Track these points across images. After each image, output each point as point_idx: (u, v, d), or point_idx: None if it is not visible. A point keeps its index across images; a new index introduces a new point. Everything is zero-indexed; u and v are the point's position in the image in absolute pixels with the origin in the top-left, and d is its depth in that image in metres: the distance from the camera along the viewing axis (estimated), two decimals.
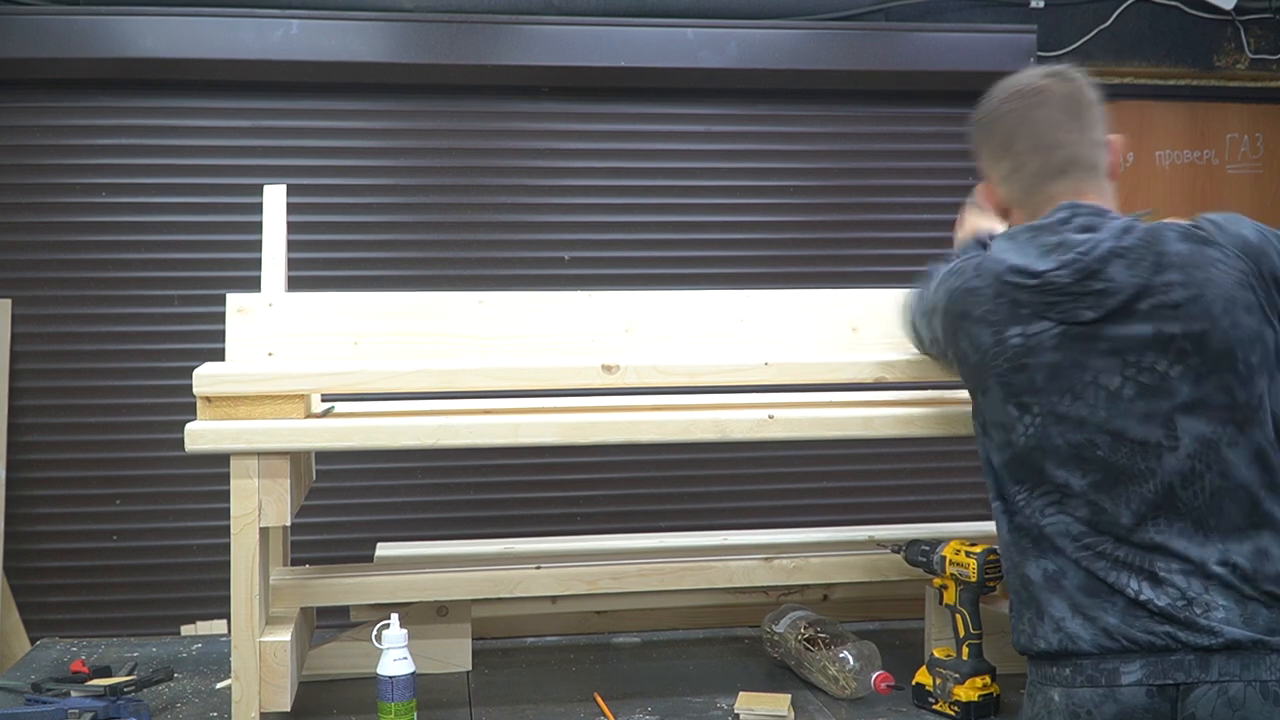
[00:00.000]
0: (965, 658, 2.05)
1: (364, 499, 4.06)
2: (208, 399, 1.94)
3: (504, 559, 2.33)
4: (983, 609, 2.07)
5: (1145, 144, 4.50)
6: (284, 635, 1.99)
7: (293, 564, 2.38)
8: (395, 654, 1.99)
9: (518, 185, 4.15)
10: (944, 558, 2.08)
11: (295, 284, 2.35)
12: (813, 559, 2.31)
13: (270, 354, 2.19)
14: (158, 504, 3.99)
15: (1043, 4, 4.32)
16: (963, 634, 2.05)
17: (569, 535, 2.71)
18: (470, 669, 2.33)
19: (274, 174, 3.78)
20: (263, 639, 1.97)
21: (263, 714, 1.97)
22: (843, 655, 2.17)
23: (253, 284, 2.27)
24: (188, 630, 3.79)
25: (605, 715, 2.10)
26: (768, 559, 2.29)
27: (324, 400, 2.29)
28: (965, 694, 2.03)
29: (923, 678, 2.11)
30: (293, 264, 2.38)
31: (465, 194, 4.13)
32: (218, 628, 3.74)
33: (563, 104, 4.15)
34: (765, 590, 2.53)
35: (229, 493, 1.95)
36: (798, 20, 4.16)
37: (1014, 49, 4.20)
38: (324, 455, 2.54)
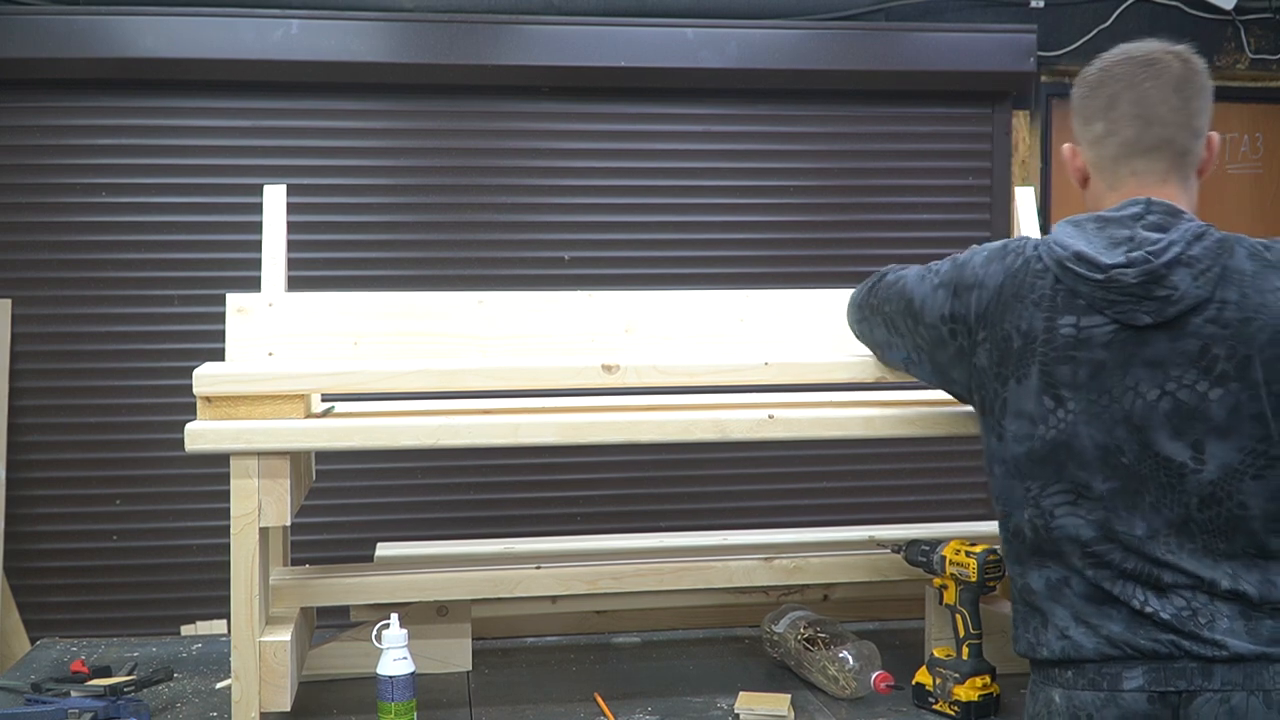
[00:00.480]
0: (965, 658, 2.05)
1: (364, 499, 4.06)
2: (208, 399, 1.94)
3: (504, 559, 2.33)
4: (983, 609, 2.07)
5: None
6: (284, 635, 1.99)
7: (293, 564, 2.38)
8: (395, 654, 1.99)
9: (518, 185, 4.15)
10: (944, 558, 2.08)
11: (295, 284, 2.35)
12: (813, 559, 2.31)
13: (270, 354, 2.19)
14: (158, 504, 3.99)
15: (1043, 4, 4.33)
16: (963, 634, 2.05)
17: (569, 535, 2.71)
18: (470, 669, 2.33)
19: (274, 174, 3.79)
20: (263, 639, 1.97)
21: (263, 714, 1.97)
22: (843, 655, 2.17)
23: (253, 284, 2.27)
24: (188, 630, 3.79)
25: (605, 715, 2.10)
26: (768, 559, 2.29)
27: (324, 400, 2.29)
28: (965, 694, 2.03)
29: (923, 678, 2.11)
30: (293, 264, 2.38)
31: (465, 194, 4.13)
32: (218, 628, 3.74)
33: (563, 104, 4.15)
34: (765, 590, 2.53)
35: (229, 493, 1.95)
36: (798, 20, 4.16)
37: (1014, 49, 4.21)
38: (324, 455, 2.54)
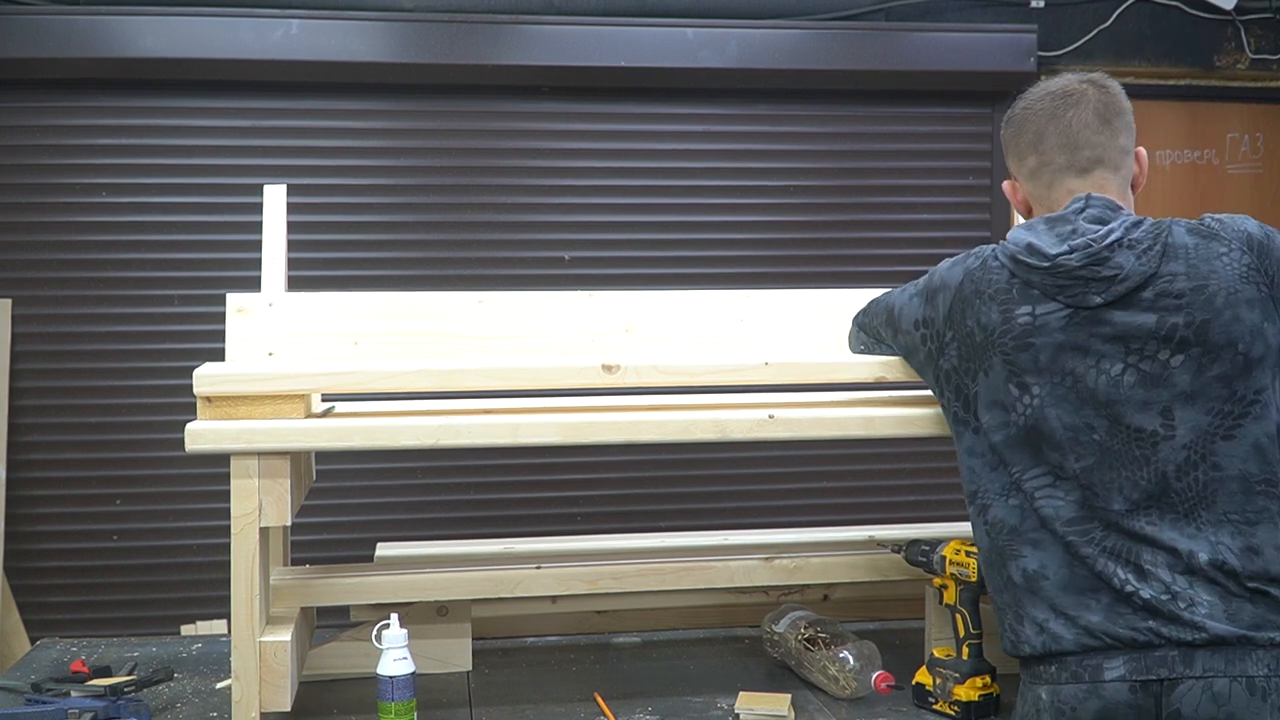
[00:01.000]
0: (965, 657, 2.05)
1: (364, 499, 4.06)
2: (208, 399, 1.94)
3: (504, 559, 2.33)
4: (983, 609, 2.07)
5: (1145, 144, 4.38)
6: (284, 635, 1.99)
7: (293, 564, 2.38)
8: (395, 654, 1.99)
9: (518, 185, 4.15)
10: (944, 558, 2.08)
11: (295, 284, 2.35)
12: (813, 559, 2.31)
13: (270, 354, 2.19)
14: (158, 504, 3.99)
15: (1043, 4, 4.32)
16: (963, 634, 2.05)
17: (569, 535, 2.71)
18: (470, 669, 2.33)
19: (274, 174, 3.79)
20: (263, 639, 1.97)
21: (263, 714, 1.96)
22: (843, 655, 2.17)
23: (253, 284, 2.27)
24: (188, 630, 3.79)
25: (605, 715, 2.10)
26: (768, 559, 2.29)
27: (324, 400, 2.29)
28: (965, 694, 2.03)
29: (923, 678, 2.11)
30: (293, 264, 2.38)
31: (465, 194, 4.13)
32: (218, 628, 3.74)
33: (563, 104, 4.15)
34: (765, 590, 2.53)
35: (229, 493, 1.95)
36: (798, 20, 4.16)
37: (1014, 49, 4.21)
38: (324, 455, 2.54)
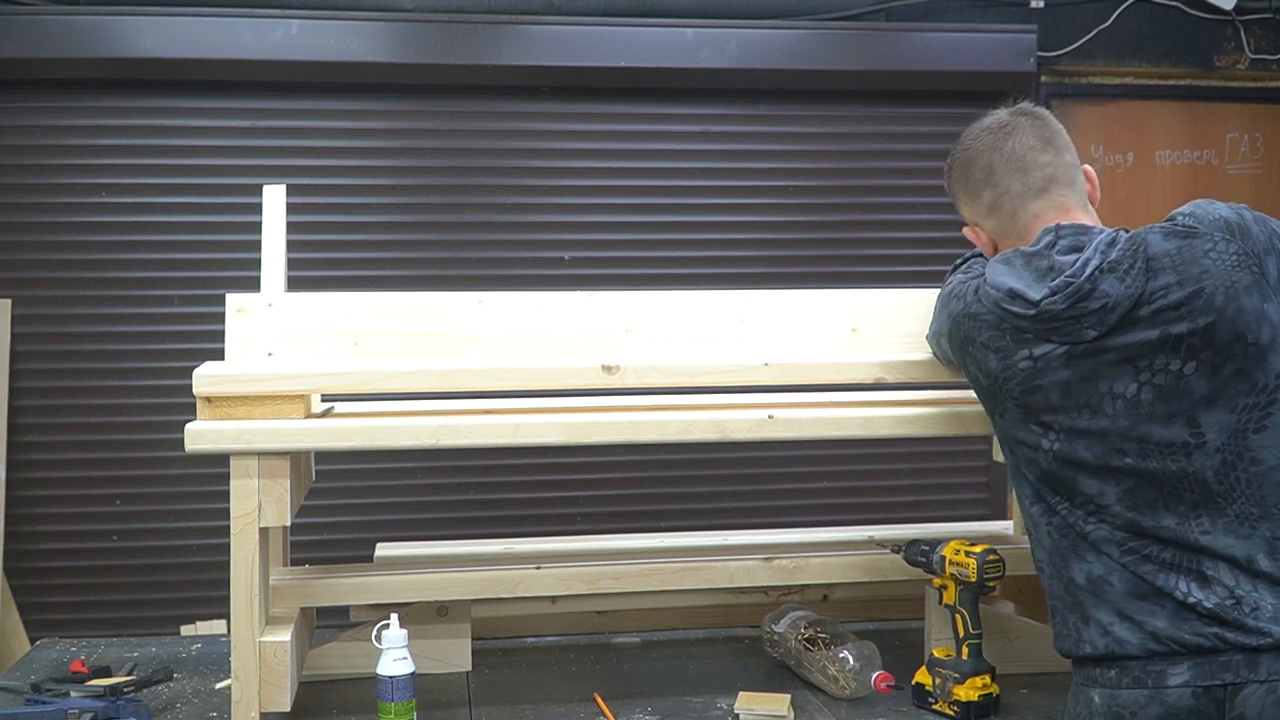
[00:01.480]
0: (965, 657, 2.05)
1: (364, 499, 4.06)
2: (208, 399, 1.94)
3: (504, 559, 2.33)
4: (982, 609, 2.07)
5: (1145, 144, 4.49)
6: (284, 635, 1.99)
7: (293, 564, 2.38)
8: (395, 654, 1.99)
9: (518, 185, 4.15)
10: (944, 558, 2.08)
11: (295, 284, 2.35)
12: (813, 559, 2.31)
13: (270, 354, 2.19)
14: (158, 504, 3.99)
15: (1043, 4, 4.32)
16: (962, 634, 2.05)
17: (569, 535, 2.71)
18: (470, 669, 2.33)
19: (274, 174, 3.79)
20: (263, 639, 1.97)
21: (263, 714, 1.97)
22: (843, 655, 2.17)
23: (253, 284, 2.27)
24: (188, 630, 3.79)
25: (605, 715, 2.10)
26: (768, 559, 2.29)
27: (324, 400, 2.29)
28: (965, 694, 2.03)
29: (923, 677, 2.11)
30: (293, 264, 2.38)
31: (465, 194, 4.13)
32: (218, 628, 3.74)
33: (563, 104, 4.15)
34: (765, 590, 2.53)
35: (229, 493, 1.95)
36: (798, 20, 4.16)
37: (1014, 49, 4.21)
38: (324, 455, 2.54)
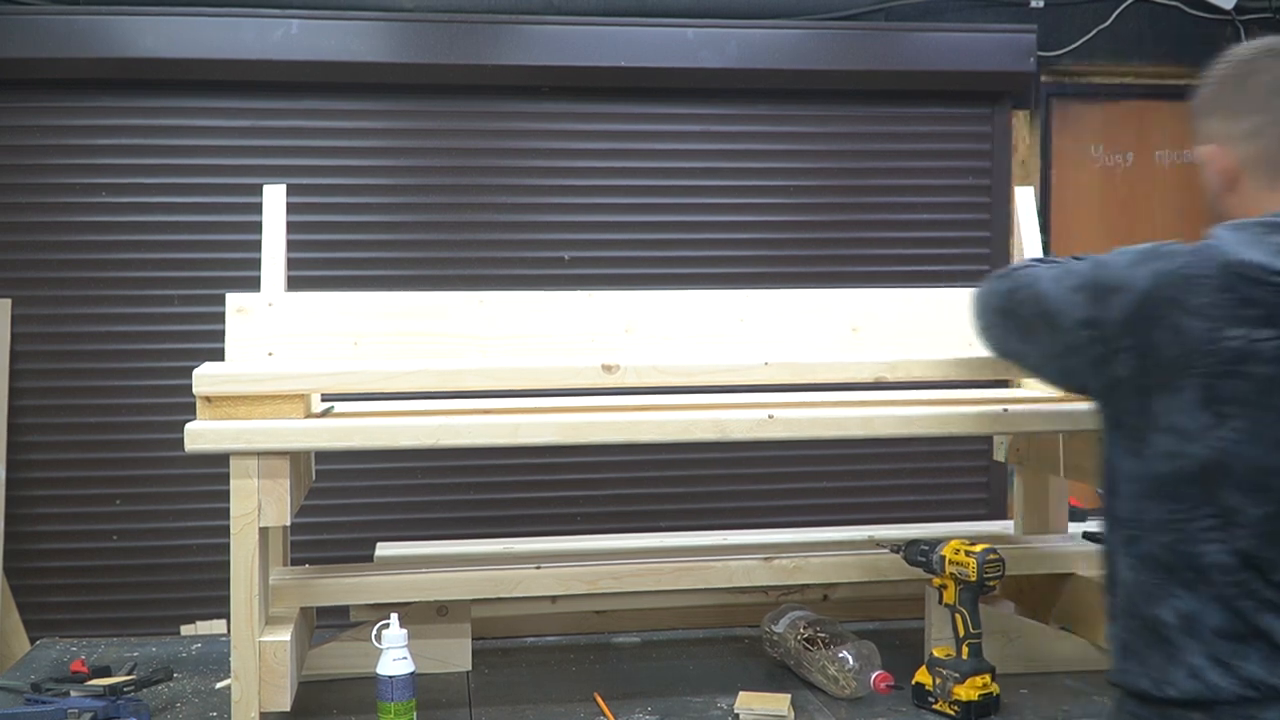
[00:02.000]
0: (965, 657, 2.05)
1: (364, 499, 4.06)
2: (208, 399, 1.94)
3: (504, 559, 2.33)
4: (982, 609, 2.07)
5: (1145, 144, 4.49)
6: (284, 635, 1.99)
7: (293, 564, 2.38)
8: (395, 654, 1.99)
9: (518, 185, 4.15)
10: (944, 557, 2.08)
11: (295, 284, 2.35)
12: (813, 559, 2.31)
13: (270, 354, 2.19)
14: (158, 504, 3.99)
15: (1043, 4, 4.33)
16: (962, 633, 2.05)
17: (569, 535, 2.71)
18: (470, 669, 2.33)
19: (274, 174, 3.79)
20: (263, 639, 1.97)
21: (263, 714, 1.97)
22: (842, 655, 2.17)
23: (253, 284, 2.27)
24: (188, 630, 3.79)
25: (605, 715, 2.10)
26: (768, 559, 2.29)
27: (324, 400, 2.29)
28: (965, 693, 2.03)
29: (922, 677, 2.11)
30: (293, 264, 2.38)
31: (465, 194, 4.13)
32: (218, 628, 3.74)
33: (563, 104, 4.15)
34: (765, 590, 2.53)
35: (229, 493, 1.95)
36: (798, 20, 4.16)
37: (1014, 49, 4.21)
38: (324, 455, 2.54)
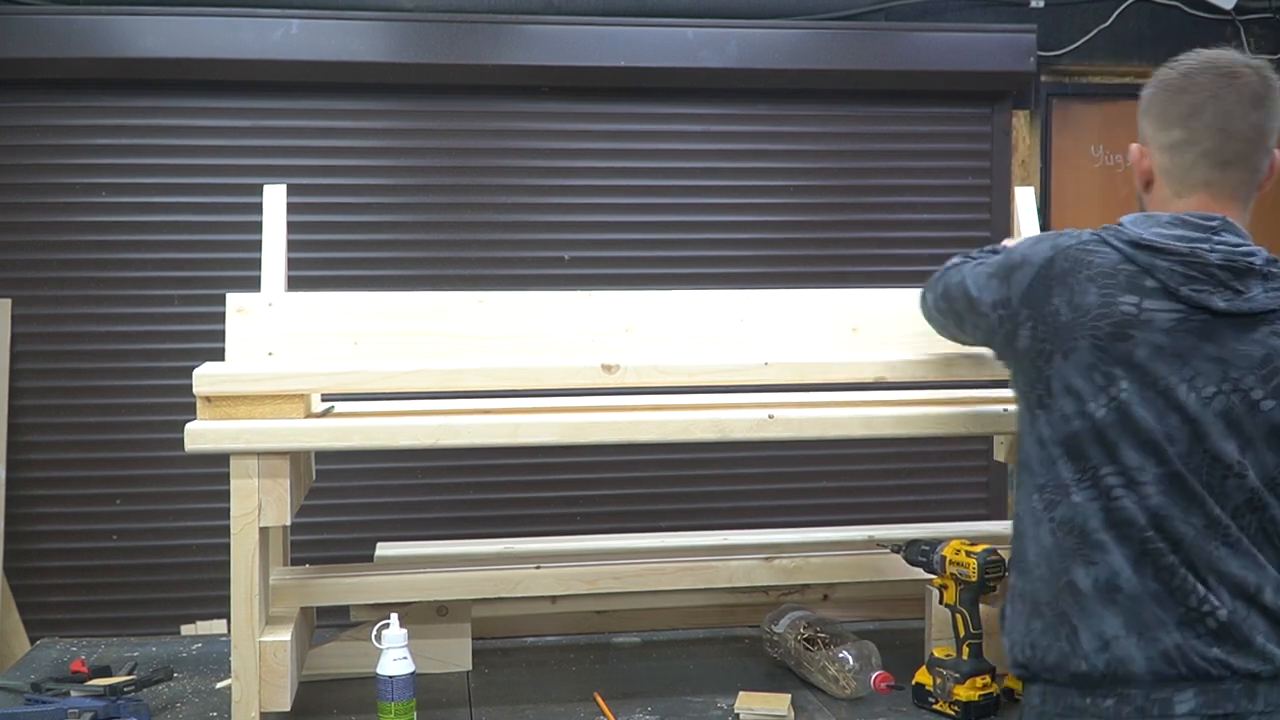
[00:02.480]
0: (965, 657, 2.05)
1: (364, 499, 4.06)
2: (208, 399, 1.94)
3: (504, 559, 2.33)
4: (983, 609, 2.07)
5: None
6: (284, 635, 1.99)
7: (293, 564, 2.38)
8: (395, 654, 1.99)
9: (518, 185, 4.15)
10: (944, 557, 2.08)
11: (295, 284, 2.35)
12: (813, 559, 2.31)
13: (270, 354, 2.19)
14: (158, 504, 3.99)
15: (1043, 4, 4.33)
16: (963, 634, 2.05)
17: (569, 535, 2.71)
18: (470, 669, 2.33)
19: (274, 174, 3.79)
20: (263, 639, 1.97)
21: (263, 714, 1.97)
22: (842, 655, 2.17)
23: (253, 284, 2.27)
24: (188, 630, 3.79)
25: (605, 715, 2.10)
26: (768, 559, 2.29)
27: (324, 400, 2.29)
28: (965, 694, 2.03)
29: (923, 677, 2.11)
30: (293, 264, 2.38)
31: (465, 194, 4.13)
32: (218, 628, 3.74)
33: (563, 104, 4.15)
34: (765, 590, 2.53)
35: (229, 493, 1.95)
36: (798, 20, 4.16)
37: (1014, 49, 4.21)
38: (324, 455, 2.54)
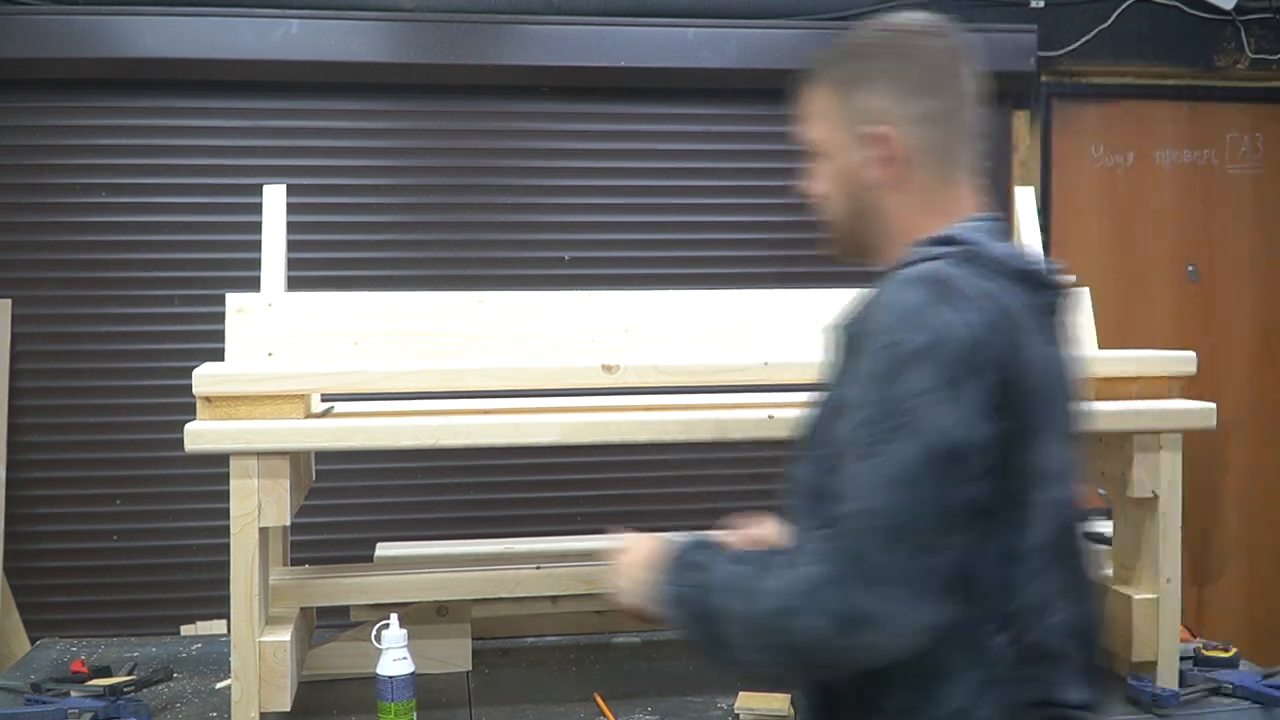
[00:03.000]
0: None
1: (364, 499, 4.06)
2: (208, 399, 1.94)
3: (504, 559, 2.33)
4: None
5: (1145, 144, 4.49)
6: (284, 635, 1.99)
7: (293, 564, 2.38)
8: (395, 654, 2.00)
9: (518, 185, 4.15)
10: None
11: (295, 284, 2.35)
12: None
13: (270, 354, 2.19)
14: (158, 504, 3.99)
15: (1043, 4, 4.32)
16: None
17: (569, 535, 2.71)
18: (470, 669, 2.33)
19: (274, 174, 3.78)
20: (263, 639, 1.97)
21: (263, 714, 1.97)
22: None
23: (253, 284, 2.28)
24: (188, 630, 3.79)
25: (605, 715, 2.10)
26: None
27: (324, 400, 2.29)
28: None
29: None
30: (293, 264, 2.38)
31: (465, 194, 4.13)
32: (218, 628, 3.73)
33: (563, 104, 4.15)
34: None
35: (229, 493, 1.95)
36: (798, 20, 4.16)
37: (1014, 49, 4.20)
38: (324, 455, 2.54)
